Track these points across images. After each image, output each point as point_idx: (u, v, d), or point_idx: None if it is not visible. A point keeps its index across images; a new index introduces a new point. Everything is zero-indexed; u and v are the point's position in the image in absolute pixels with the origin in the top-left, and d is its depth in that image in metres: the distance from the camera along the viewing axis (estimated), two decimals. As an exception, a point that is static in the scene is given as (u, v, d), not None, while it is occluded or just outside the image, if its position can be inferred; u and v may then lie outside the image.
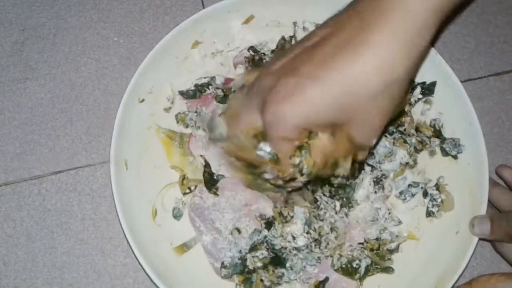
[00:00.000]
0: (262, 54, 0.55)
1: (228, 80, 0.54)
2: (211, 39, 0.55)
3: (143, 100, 0.52)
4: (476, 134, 0.50)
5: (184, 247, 0.49)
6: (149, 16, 0.59)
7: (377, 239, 0.49)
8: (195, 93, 0.53)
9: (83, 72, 0.57)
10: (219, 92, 0.53)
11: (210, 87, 0.53)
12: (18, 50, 0.57)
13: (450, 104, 0.52)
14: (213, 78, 0.54)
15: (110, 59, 0.57)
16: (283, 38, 0.55)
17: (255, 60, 0.54)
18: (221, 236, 0.49)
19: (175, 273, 0.47)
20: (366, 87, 0.37)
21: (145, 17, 0.59)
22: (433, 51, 0.52)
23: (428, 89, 0.54)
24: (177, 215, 0.50)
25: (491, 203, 0.50)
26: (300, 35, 0.55)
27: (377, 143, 0.51)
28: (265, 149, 0.41)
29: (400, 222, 0.50)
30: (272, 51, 0.55)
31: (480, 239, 0.48)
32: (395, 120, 0.51)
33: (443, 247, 0.49)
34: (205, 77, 0.54)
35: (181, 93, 0.53)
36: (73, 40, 0.58)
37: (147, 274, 0.45)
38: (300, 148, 0.40)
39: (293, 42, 0.55)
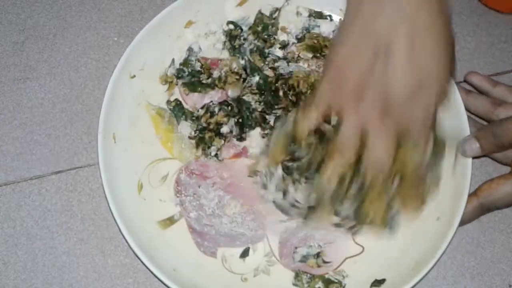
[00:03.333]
0: (240, 30, 0.55)
1: (213, 63, 0.55)
2: (205, 20, 0.55)
3: (134, 76, 0.52)
4: (463, 127, 0.50)
5: (168, 221, 0.50)
6: (149, 16, 0.58)
7: None
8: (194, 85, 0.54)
9: (83, 72, 0.57)
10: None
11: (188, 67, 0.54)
12: (18, 50, 0.57)
13: None
14: (190, 49, 0.55)
15: (110, 59, 0.57)
16: (260, 12, 0.56)
17: (232, 34, 0.55)
18: (205, 213, 0.50)
19: (157, 245, 0.48)
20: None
21: (145, 17, 0.59)
22: None
23: None
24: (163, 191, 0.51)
25: (468, 111, 0.51)
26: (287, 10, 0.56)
27: None
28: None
29: None
30: (250, 27, 0.55)
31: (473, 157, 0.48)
32: None
33: (423, 231, 0.49)
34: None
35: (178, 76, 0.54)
36: (73, 40, 0.58)
37: (129, 245, 0.46)
38: None
39: (276, 14, 0.56)
